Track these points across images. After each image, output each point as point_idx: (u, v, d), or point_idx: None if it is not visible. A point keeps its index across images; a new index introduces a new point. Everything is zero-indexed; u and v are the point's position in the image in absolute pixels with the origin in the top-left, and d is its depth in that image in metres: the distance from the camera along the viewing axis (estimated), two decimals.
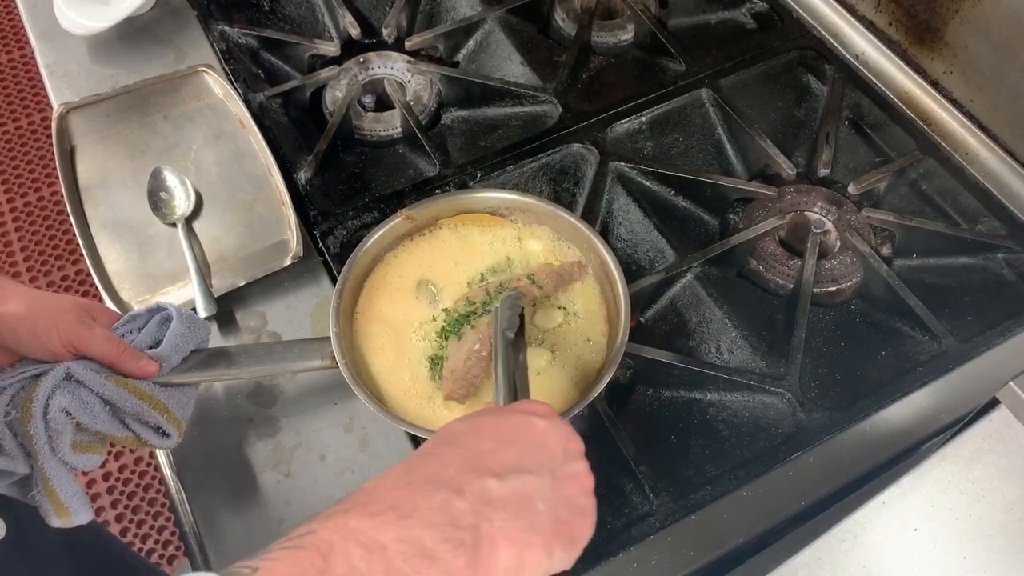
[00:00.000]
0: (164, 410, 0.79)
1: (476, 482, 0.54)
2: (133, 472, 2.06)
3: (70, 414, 0.75)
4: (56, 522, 0.77)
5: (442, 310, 0.91)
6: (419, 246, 0.97)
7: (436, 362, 0.87)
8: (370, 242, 0.93)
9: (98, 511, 2.00)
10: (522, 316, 0.79)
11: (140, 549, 1.96)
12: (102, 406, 0.77)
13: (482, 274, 0.94)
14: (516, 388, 0.71)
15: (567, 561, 0.57)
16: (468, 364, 0.83)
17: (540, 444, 0.59)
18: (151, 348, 0.81)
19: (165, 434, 0.80)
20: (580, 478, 0.59)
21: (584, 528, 0.57)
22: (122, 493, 2.03)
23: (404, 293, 0.93)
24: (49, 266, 2.39)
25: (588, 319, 0.91)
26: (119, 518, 2.00)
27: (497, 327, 0.78)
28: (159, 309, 0.83)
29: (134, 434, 0.79)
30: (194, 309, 0.95)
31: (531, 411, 0.62)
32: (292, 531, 0.52)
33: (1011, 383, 0.64)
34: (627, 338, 0.86)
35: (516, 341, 0.76)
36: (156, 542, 1.97)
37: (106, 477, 2.05)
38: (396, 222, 0.95)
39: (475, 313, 0.88)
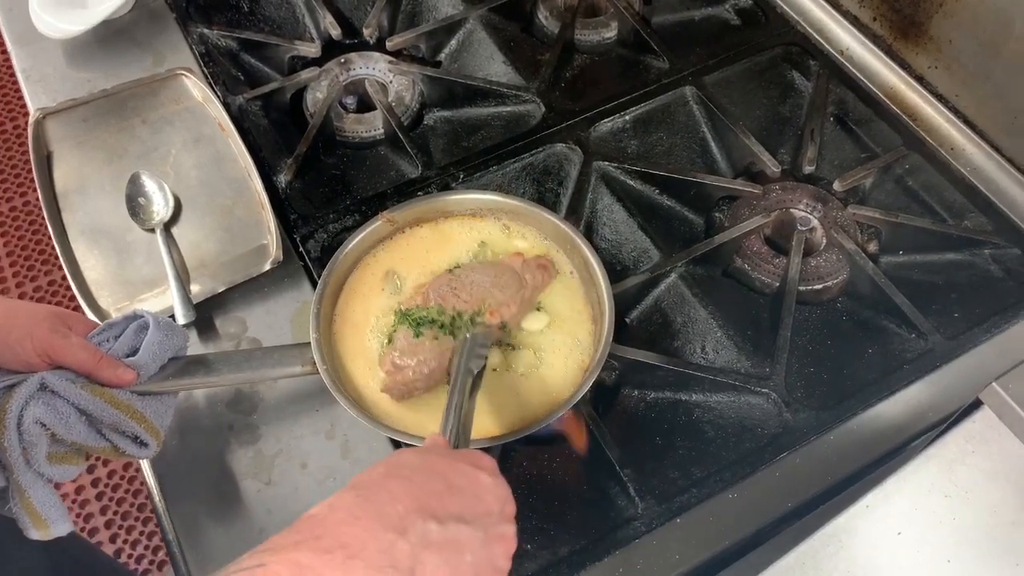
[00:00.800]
0: (141, 419, 0.78)
1: (420, 523, 0.56)
2: (122, 479, 2.05)
3: (45, 425, 0.74)
4: (35, 534, 0.76)
5: (401, 312, 0.89)
6: (397, 244, 0.96)
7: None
8: (350, 246, 0.92)
9: (87, 518, 1.99)
10: (486, 358, 0.81)
11: (130, 556, 1.94)
12: (78, 416, 0.76)
13: (456, 266, 0.93)
14: (462, 429, 0.72)
15: None
16: (413, 374, 0.83)
17: (481, 498, 0.61)
18: (128, 356, 0.80)
19: (143, 444, 0.79)
20: (507, 541, 0.62)
21: None
22: (111, 500, 2.02)
23: (373, 289, 0.92)
24: (36, 271, 2.37)
25: (574, 320, 0.90)
26: (108, 524, 1.98)
27: (462, 360, 0.78)
28: (136, 317, 0.82)
29: (111, 444, 0.78)
30: (173, 316, 0.94)
31: (479, 464, 0.64)
32: (243, 559, 0.52)
33: (994, 384, 0.64)
34: (611, 339, 0.85)
35: (476, 380, 0.77)
36: (146, 548, 1.96)
37: (95, 484, 2.03)
38: (376, 225, 0.94)
39: (441, 325, 0.86)
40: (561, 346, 0.89)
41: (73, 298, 0.96)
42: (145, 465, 0.97)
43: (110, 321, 0.82)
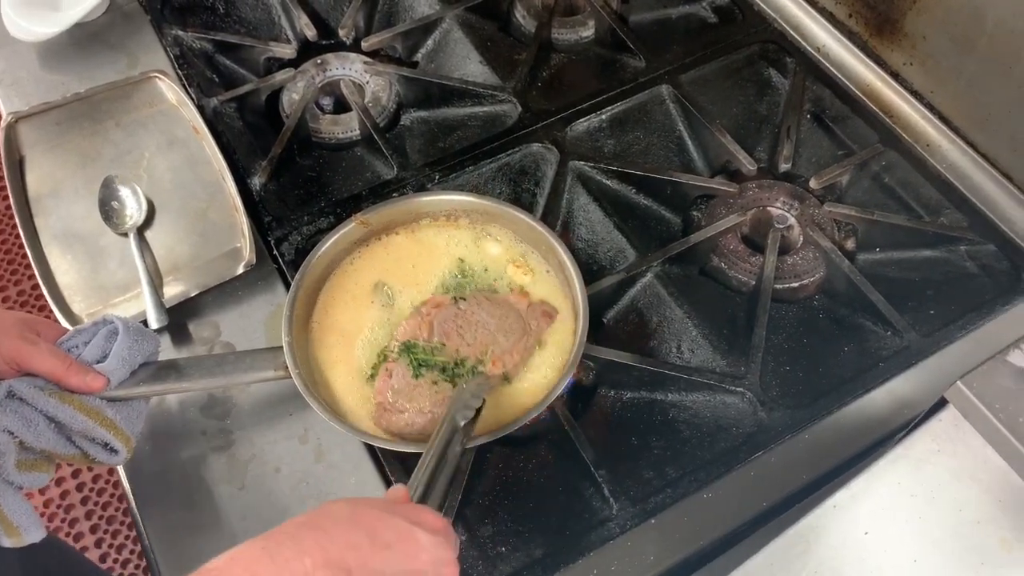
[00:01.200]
0: (111, 426, 0.77)
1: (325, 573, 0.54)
2: (107, 483, 2.04)
3: (12, 433, 0.74)
4: (6, 542, 0.75)
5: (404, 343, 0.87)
6: (375, 252, 0.95)
7: (373, 377, 0.86)
8: (323, 249, 0.91)
9: (72, 523, 1.98)
10: (479, 409, 0.77)
11: (116, 560, 1.93)
12: (47, 424, 0.75)
13: (445, 283, 0.92)
14: (430, 483, 0.70)
15: None
16: (407, 424, 0.82)
17: (412, 556, 0.59)
18: (98, 362, 0.79)
19: (113, 451, 0.79)
20: None
21: None
22: (96, 504, 2.01)
23: (360, 299, 0.92)
24: (4, 281, 2.35)
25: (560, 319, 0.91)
26: (94, 529, 1.98)
27: (449, 411, 0.76)
28: (106, 322, 0.82)
29: (81, 451, 0.78)
30: (145, 321, 0.93)
31: (419, 520, 0.61)
32: None
33: (958, 382, 0.64)
34: (585, 340, 0.85)
35: (465, 428, 0.75)
36: (132, 552, 1.95)
37: (80, 488, 2.02)
38: (350, 227, 0.93)
39: (443, 369, 0.85)
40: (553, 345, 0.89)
41: (45, 305, 0.95)
42: (122, 471, 0.97)
43: (80, 327, 0.81)
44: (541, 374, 0.87)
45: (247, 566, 0.53)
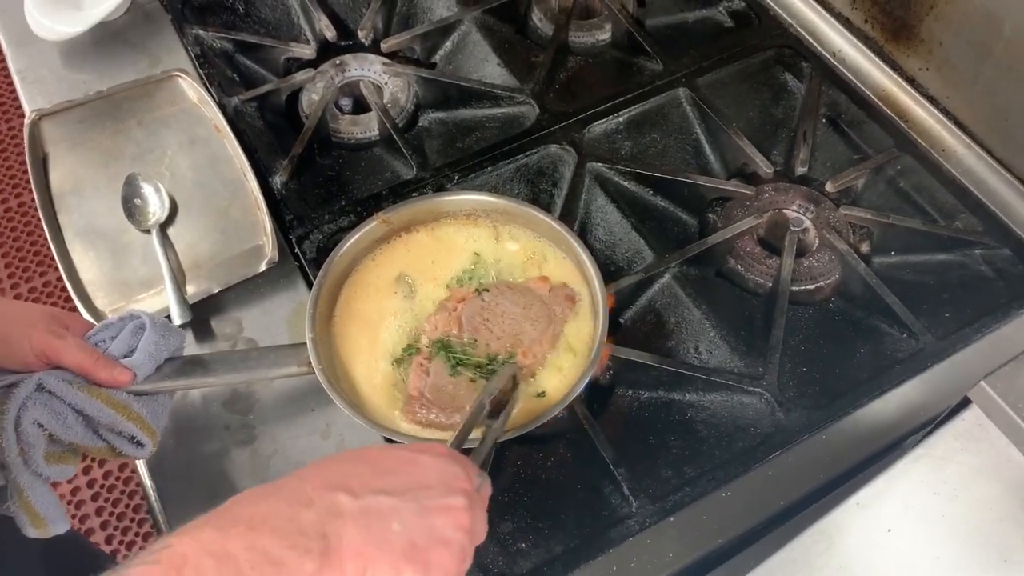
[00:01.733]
0: (138, 420, 0.78)
1: (327, 496, 0.55)
2: (118, 479, 2.05)
3: (43, 426, 0.75)
4: (32, 532, 0.76)
5: (436, 342, 0.88)
6: (396, 248, 0.96)
7: (400, 362, 0.87)
8: (346, 246, 0.92)
9: (83, 518, 1.99)
10: (515, 387, 0.78)
11: (126, 556, 1.94)
12: (75, 417, 0.76)
13: (459, 277, 0.93)
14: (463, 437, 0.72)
15: None
16: (445, 416, 0.83)
17: (414, 475, 0.60)
18: (125, 357, 0.80)
19: (139, 444, 0.79)
20: (453, 512, 0.60)
21: (443, 558, 0.57)
22: (107, 500, 2.02)
23: (383, 291, 0.93)
24: (31, 272, 2.37)
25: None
26: (104, 525, 1.98)
27: (486, 390, 0.78)
28: (132, 317, 0.83)
29: (108, 444, 0.79)
30: (169, 317, 0.94)
31: (423, 449, 0.63)
32: (152, 544, 0.54)
33: (982, 382, 0.64)
34: (604, 340, 0.86)
35: (495, 412, 0.76)
36: (142, 548, 1.95)
37: (91, 484, 2.03)
38: (372, 225, 0.94)
39: (477, 366, 0.86)
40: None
41: (68, 300, 0.96)
42: (141, 465, 0.98)
43: (107, 322, 0.82)
44: (560, 372, 0.88)
45: (253, 495, 0.56)
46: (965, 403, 0.66)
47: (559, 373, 0.87)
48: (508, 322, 0.87)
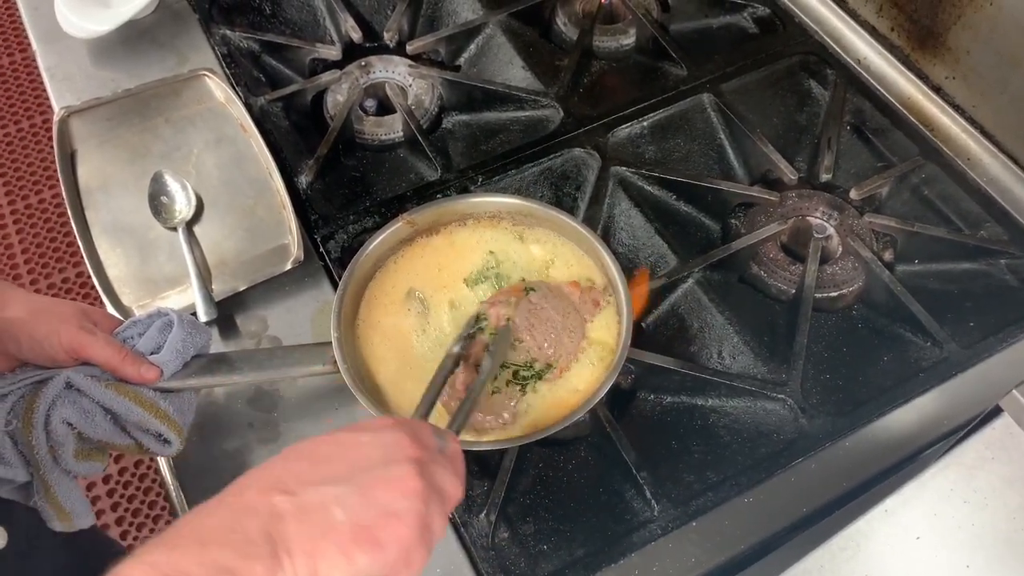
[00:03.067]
0: (165, 418, 0.79)
1: (265, 500, 0.55)
2: (133, 475, 2.06)
3: (72, 425, 0.75)
4: (58, 526, 0.77)
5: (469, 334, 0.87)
6: (415, 252, 0.96)
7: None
8: (371, 247, 0.93)
9: (98, 514, 2.00)
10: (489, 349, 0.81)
11: None
12: (103, 415, 0.77)
13: (476, 275, 0.94)
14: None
15: (391, 564, 0.56)
16: (481, 417, 0.83)
17: (354, 457, 0.59)
18: (152, 354, 0.81)
19: (166, 441, 0.80)
20: (397, 481, 0.58)
21: (395, 531, 0.56)
22: (122, 496, 2.03)
23: (397, 305, 0.92)
24: (49, 268, 2.39)
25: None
26: (119, 521, 2.00)
27: (453, 343, 0.82)
28: (160, 315, 0.83)
29: (135, 442, 0.79)
30: (194, 314, 0.95)
31: (364, 427, 0.62)
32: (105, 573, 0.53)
33: (1014, 391, 0.64)
34: (629, 344, 0.86)
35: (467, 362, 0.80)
36: None
37: (106, 480, 2.04)
38: (397, 226, 0.95)
39: (515, 373, 0.86)
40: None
41: (92, 294, 0.97)
42: (162, 463, 0.98)
43: (135, 318, 0.83)
44: (583, 375, 0.88)
45: (200, 510, 0.56)
46: (996, 412, 0.65)
47: (591, 367, 0.87)
48: (550, 330, 0.86)
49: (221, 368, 0.84)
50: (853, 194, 1.09)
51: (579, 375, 0.87)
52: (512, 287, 0.91)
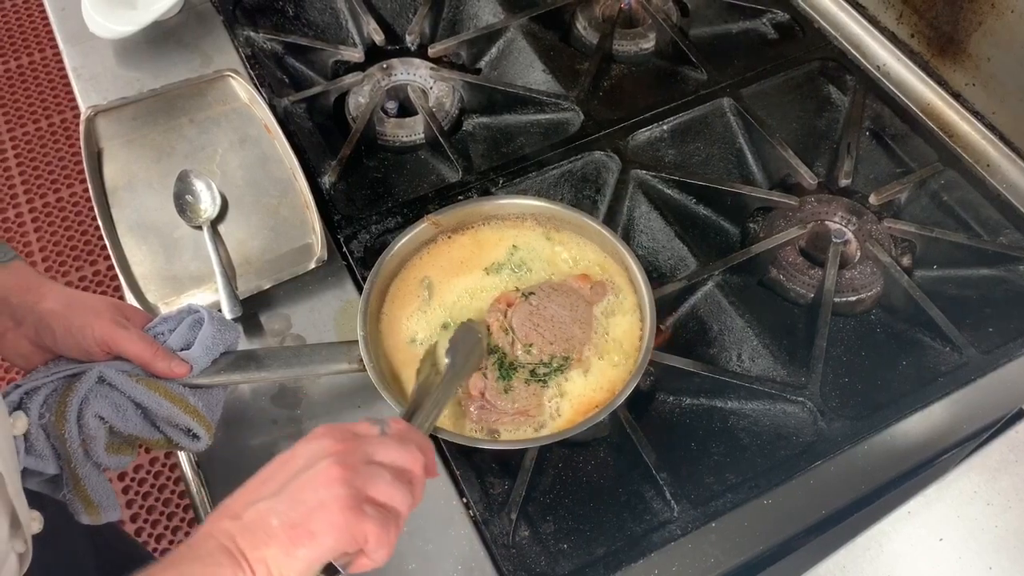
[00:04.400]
0: (194, 413, 0.80)
1: (219, 526, 0.62)
2: (148, 473, 2.07)
3: (103, 419, 0.76)
4: (86, 519, 0.78)
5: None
6: (440, 249, 0.97)
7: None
8: (396, 247, 0.94)
9: None
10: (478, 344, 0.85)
11: (154, 549, 1.96)
12: (134, 410, 0.78)
13: (487, 267, 0.95)
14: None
15: (337, 546, 0.61)
16: (499, 416, 0.85)
17: (288, 470, 0.64)
18: (182, 350, 0.82)
19: (195, 436, 0.81)
20: (316, 476, 0.63)
21: (324, 518, 0.61)
22: (136, 494, 2.04)
23: (412, 296, 0.94)
24: (68, 266, 2.41)
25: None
26: (134, 518, 2.01)
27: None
28: (191, 311, 0.84)
29: (165, 436, 0.81)
30: (219, 311, 0.96)
31: (304, 440, 0.67)
32: None
33: None
34: (652, 346, 0.86)
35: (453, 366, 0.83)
36: (170, 542, 1.98)
37: (121, 477, 2.06)
38: (423, 227, 0.96)
39: (532, 371, 0.87)
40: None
41: (116, 290, 0.99)
42: (183, 460, 1.00)
43: (165, 315, 0.84)
44: (607, 375, 0.88)
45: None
46: (1020, 415, 0.66)
47: (613, 368, 0.88)
48: (557, 326, 0.87)
49: (249, 365, 0.85)
50: (872, 199, 1.09)
51: (604, 374, 0.87)
52: (503, 295, 0.92)
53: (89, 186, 1.08)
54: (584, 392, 0.86)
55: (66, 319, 0.77)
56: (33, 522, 0.74)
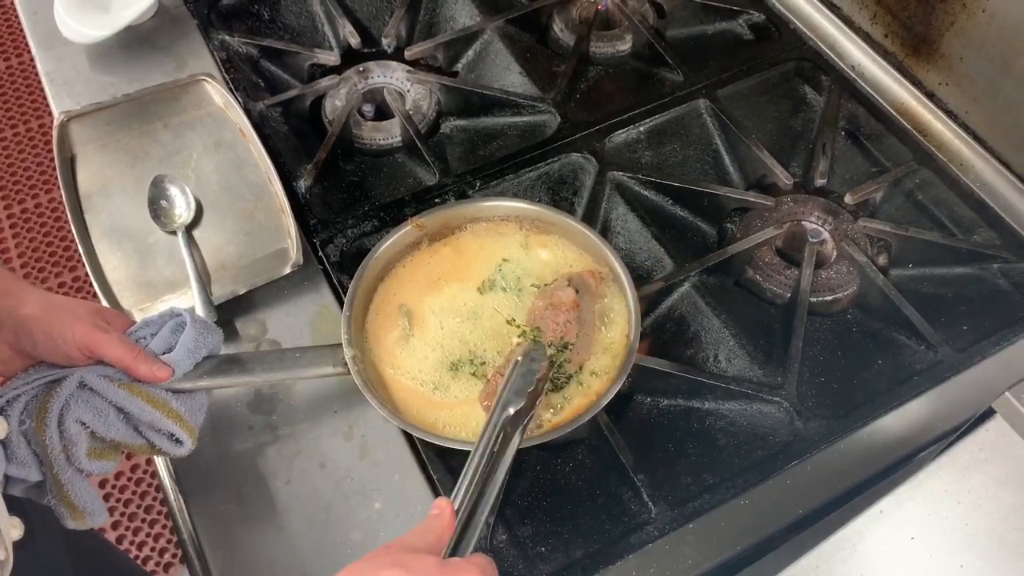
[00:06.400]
0: (178, 418, 0.80)
1: None
2: (129, 480, 2.06)
3: (85, 424, 0.76)
4: (71, 524, 0.78)
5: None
6: (423, 258, 0.96)
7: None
8: (380, 250, 0.93)
9: None
10: (540, 382, 0.73)
11: (136, 556, 1.95)
12: (116, 415, 0.78)
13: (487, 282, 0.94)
14: (474, 501, 0.66)
15: None
16: None
17: None
18: (164, 353, 0.81)
19: (179, 441, 0.81)
20: None
21: None
22: (118, 501, 2.03)
23: (391, 321, 0.93)
24: (46, 273, 2.39)
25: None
26: (115, 526, 1.99)
27: (504, 392, 0.73)
28: (173, 315, 0.84)
29: (148, 442, 0.80)
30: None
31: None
32: None
33: (1007, 393, 0.65)
34: (636, 347, 0.86)
35: (518, 419, 0.70)
36: (152, 550, 1.97)
37: (102, 484, 2.04)
38: (407, 230, 0.95)
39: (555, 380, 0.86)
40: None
41: (93, 296, 0.97)
42: (160, 464, 0.99)
43: (147, 319, 0.83)
44: (590, 378, 0.88)
45: None
46: (990, 413, 0.66)
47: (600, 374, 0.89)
48: (589, 330, 0.87)
49: (232, 369, 0.85)
50: (848, 199, 1.10)
51: (595, 378, 0.88)
52: (556, 294, 0.88)
53: (62, 192, 1.07)
54: (574, 396, 0.86)
55: (46, 324, 0.76)
56: (13, 529, 0.74)
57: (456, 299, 0.93)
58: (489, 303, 0.93)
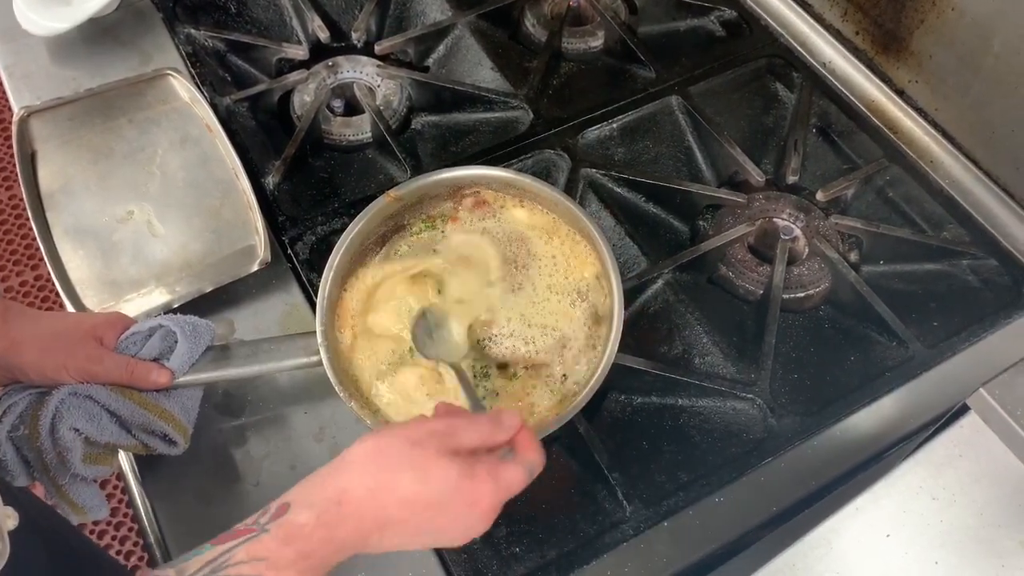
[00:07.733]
0: (170, 418, 0.80)
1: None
2: (115, 488, 2.02)
3: (78, 431, 0.76)
4: (75, 519, 0.79)
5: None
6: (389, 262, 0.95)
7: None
8: (359, 226, 0.91)
9: None
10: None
11: (118, 553, 1.92)
12: (109, 418, 0.78)
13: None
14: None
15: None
16: None
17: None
18: (155, 359, 0.81)
19: (171, 441, 0.81)
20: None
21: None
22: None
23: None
24: (7, 271, 2.33)
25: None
26: (96, 522, 1.96)
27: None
28: (160, 326, 0.83)
29: (141, 443, 0.80)
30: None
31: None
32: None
33: (981, 389, 0.65)
34: (616, 347, 0.85)
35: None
36: (118, 553, 1.93)
37: None
38: (382, 205, 0.93)
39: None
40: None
41: (47, 299, 0.95)
42: (128, 465, 0.97)
43: (134, 330, 0.82)
44: (571, 378, 0.88)
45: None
46: (964, 410, 0.67)
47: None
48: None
49: (220, 362, 0.84)
50: (819, 196, 1.10)
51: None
52: None
53: (22, 189, 1.04)
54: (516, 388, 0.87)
55: (40, 368, 0.77)
56: (8, 519, 0.73)
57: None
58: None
